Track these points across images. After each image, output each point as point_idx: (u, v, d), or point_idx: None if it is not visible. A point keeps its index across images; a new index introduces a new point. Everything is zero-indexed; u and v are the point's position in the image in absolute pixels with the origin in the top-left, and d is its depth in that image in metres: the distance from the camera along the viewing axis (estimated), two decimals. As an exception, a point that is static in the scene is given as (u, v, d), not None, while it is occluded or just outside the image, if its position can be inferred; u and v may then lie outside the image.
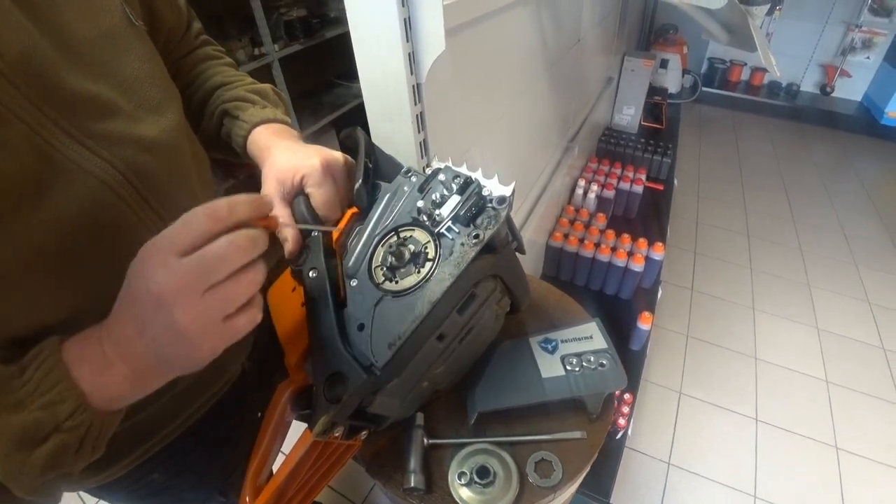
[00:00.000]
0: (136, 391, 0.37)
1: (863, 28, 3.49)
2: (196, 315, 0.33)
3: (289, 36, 2.36)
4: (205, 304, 0.33)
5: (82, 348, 0.35)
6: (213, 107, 0.62)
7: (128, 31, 0.47)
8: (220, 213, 0.34)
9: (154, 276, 0.32)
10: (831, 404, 1.78)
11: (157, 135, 0.47)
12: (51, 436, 0.33)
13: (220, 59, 0.68)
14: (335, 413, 0.43)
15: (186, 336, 0.33)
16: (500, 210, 0.47)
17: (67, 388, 0.34)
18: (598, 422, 0.60)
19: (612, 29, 2.16)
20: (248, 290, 0.35)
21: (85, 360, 0.35)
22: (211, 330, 0.34)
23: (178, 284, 0.32)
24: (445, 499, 0.53)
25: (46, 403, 0.33)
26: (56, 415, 0.33)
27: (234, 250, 0.34)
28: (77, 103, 0.40)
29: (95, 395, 0.35)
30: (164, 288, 0.32)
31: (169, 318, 0.32)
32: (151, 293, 0.32)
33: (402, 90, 0.66)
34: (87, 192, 0.40)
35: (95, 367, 0.35)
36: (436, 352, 0.50)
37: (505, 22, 0.91)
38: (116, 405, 0.37)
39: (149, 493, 0.62)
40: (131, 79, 0.46)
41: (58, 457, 0.34)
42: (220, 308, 0.34)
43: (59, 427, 0.33)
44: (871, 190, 3.06)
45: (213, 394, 0.63)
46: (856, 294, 2.26)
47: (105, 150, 0.42)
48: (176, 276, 0.32)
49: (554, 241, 1.69)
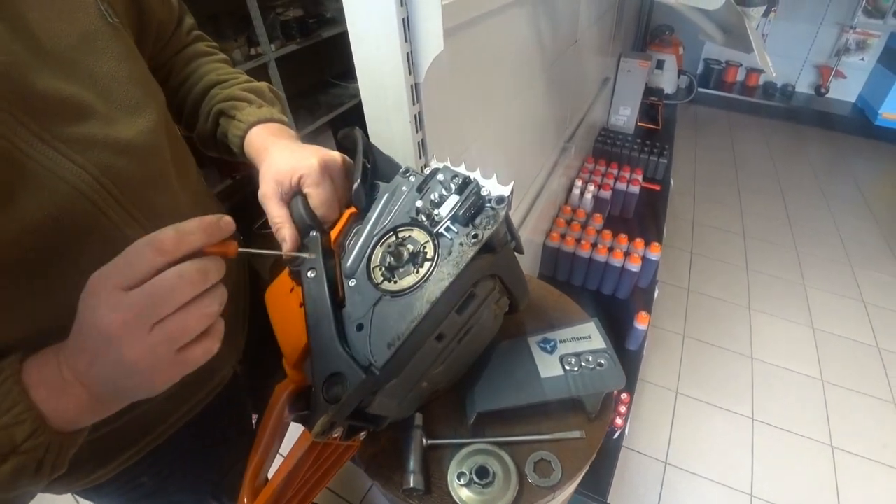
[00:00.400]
0: (95, 414, 0.36)
1: (857, 29, 3.52)
2: (144, 351, 0.32)
3: (285, 36, 2.35)
4: (153, 339, 0.32)
5: (41, 370, 0.35)
6: (208, 106, 0.61)
7: (103, 30, 0.45)
8: (166, 246, 0.32)
9: (99, 311, 0.31)
10: (827, 403, 1.79)
11: (134, 137, 0.46)
12: (8, 457, 0.33)
13: (213, 56, 0.67)
14: (334, 413, 0.43)
15: (136, 371, 0.32)
16: (499, 210, 0.46)
17: (25, 411, 0.33)
18: (597, 421, 0.60)
19: (609, 30, 2.16)
20: (198, 324, 0.34)
21: (43, 382, 0.34)
22: (162, 364, 0.33)
23: (122, 320, 0.31)
24: (444, 499, 0.53)
25: (3, 425, 0.33)
26: (13, 437, 0.33)
27: (181, 284, 0.32)
28: (49, 105, 0.39)
29: (54, 417, 0.34)
30: (111, 324, 0.31)
31: (117, 354, 0.32)
32: (98, 329, 0.31)
33: (401, 90, 0.66)
34: (59, 199, 0.39)
35: (54, 389, 0.34)
36: (435, 352, 0.50)
37: (503, 22, 0.91)
38: (76, 426, 0.37)
39: (139, 497, 0.62)
40: (107, 79, 0.44)
41: (16, 478, 0.34)
42: (169, 343, 0.32)
43: (15, 449, 0.33)
44: (865, 190, 3.08)
45: (202, 397, 0.62)
46: (851, 294, 2.27)
47: (78, 154, 0.40)
48: (120, 312, 0.31)
49: (551, 241, 1.69)
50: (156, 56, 0.61)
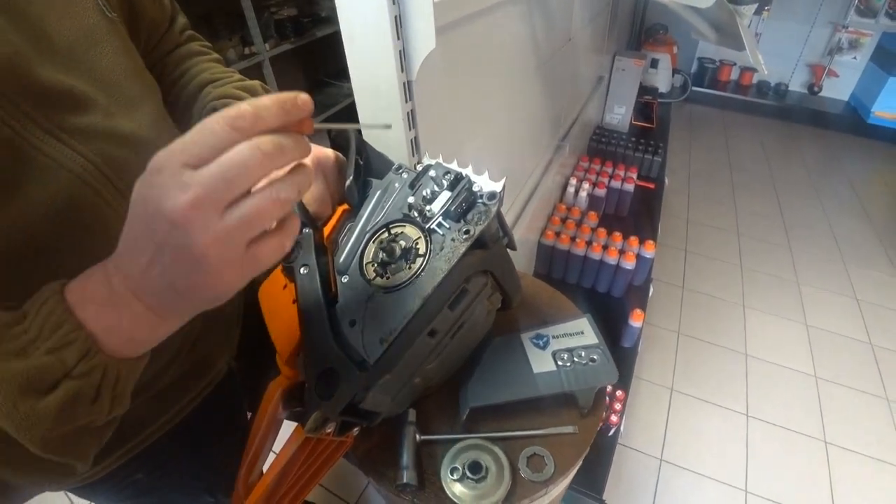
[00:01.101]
0: (153, 331, 0.33)
1: (849, 28, 3.54)
2: (215, 237, 0.28)
3: (279, 35, 2.35)
4: (224, 224, 0.28)
5: (85, 287, 0.32)
6: (201, 105, 0.61)
7: (102, 24, 0.46)
8: (242, 122, 0.28)
9: (165, 193, 0.28)
10: (820, 399, 1.80)
11: (134, 129, 0.46)
12: (61, 382, 0.30)
13: (206, 55, 0.66)
14: (327, 409, 0.43)
15: (204, 263, 0.29)
16: (491, 205, 0.47)
17: (72, 331, 0.31)
18: (590, 416, 0.61)
19: (603, 28, 2.17)
20: (275, 209, 0.30)
21: (90, 299, 0.31)
22: (232, 256, 0.30)
23: (193, 200, 0.27)
24: (438, 494, 0.53)
25: (52, 348, 0.30)
26: (63, 360, 0.30)
27: (260, 158, 0.28)
28: (51, 96, 0.39)
29: (107, 337, 0.32)
30: (178, 205, 0.27)
31: (184, 241, 0.28)
32: (163, 213, 0.28)
33: (393, 88, 0.66)
34: (61, 187, 0.39)
35: (104, 305, 0.31)
36: (427, 347, 0.50)
37: (496, 20, 0.91)
38: (133, 349, 0.34)
39: (134, 494, 0.62)
40: (106, 72, 0.45)
41: (71, 406, 0.31)
42: (242, 229, 0.29)
43: (68, 373, 0.30)
44: (858, 188, 3.10)
45: (196, 393, 0.62)
46: (844, 291, 2.29)
47: (80, 144, 0.40)
48: (190, 191, 0.27)
49: (546, 239, 1.69)
50: (147, 55, 0.60)
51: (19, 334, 0.31)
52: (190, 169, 0.28)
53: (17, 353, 0.30)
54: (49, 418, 0.30)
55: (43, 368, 0.30)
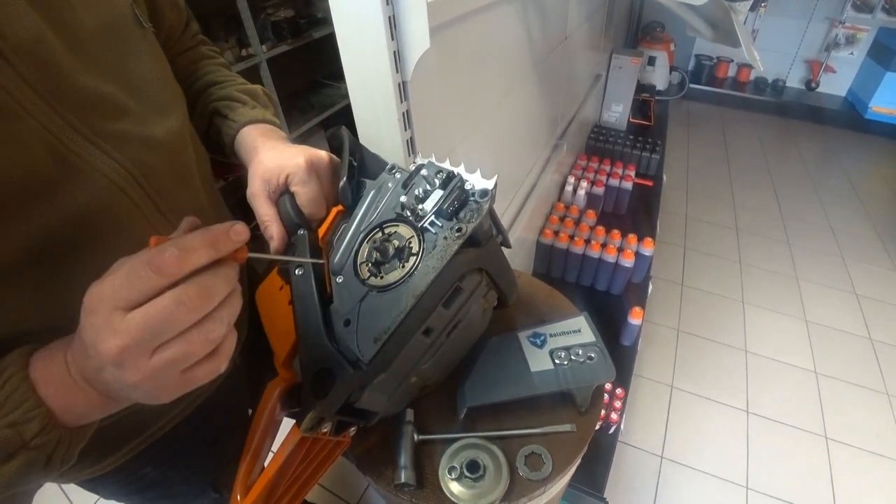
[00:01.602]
0: (104, 410, 0.36)
1: (846, 24, 3.54)
2: (146, 375, 0.31)
3: (276, 36, 2.35)
4: (154, 364, 0.30)
5: (49, 366, 0.34)
6: (203, 104, 0.63)
7: (137, 33, 0.47)
8: (167, 269, 0.29)
9: (97, 335, 0.30)
10: (820, 395, 1.80)
11: (164, 135, 0.48)
12: (18, 453, 0.33)
13: (213, 59, 0.69)
14: (322, 408, 0.43)
15: (139, 391, 0.32)
16: (483, 203, 0.47)
17: (33, 408, 0.33)
18: (588, 415, 0.61)
19: (600, 26, 2.17)
20: (202, 349, 0.32)
21: (51, 380, 0.34)
22: (165, 384, 0.32)
23: (122, 345, 0.29)
24: (436, 493, 0.53)
25: (12, 422, 0.32)
26: (22, 434, 0.32)
27: (180, 311, 0.30)
28: (88, 102, 0.40)
29: (63, 413, 0.34)
30: (110, 348, 0.29)
31: (120, 377, 0.31)
32: (98, 351, 0.30)
33: (388, 88, 0.66)
34: (98, 192, 0.41)
35: (62, 387, 0.34)
36: (423, 346, 0.50)
37: (490, 19, 0.91)
38: (85, 421, 0.36)
39: (142, 487, 0.62)
40: (140, 80, 0.46)
41: (26, 472, 0.34)
42: (171, 367, 0.31)
43: (25, 445, 0.33)
44: (856, 183, 3.10)
45: (203, 390, 0.62)
46: (843, 286, 2.29)
47: (115, 150, 0.42)
48: (119, 337, 0.29)
49: (544, 238, 1.69)
50: None
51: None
52: (120, 312, 0.29)
53: None
54: (3, 482, 0.33)
55: (2, 440, 0.32)
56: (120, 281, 0.30)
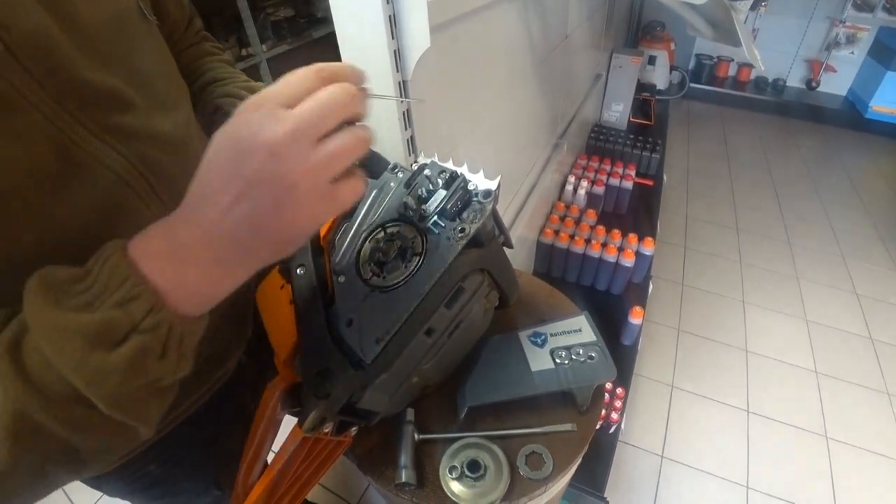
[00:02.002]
0: (216, 286, 0.34)
1: (847, 23, 3.53)
2: (307, 168, 0.31)
3: (276, 36, 2.35)
4: (317, 155, 0.31)
5: (148, 243, 0.32)
6: (206, 101, 0.63)
7: (142, 27, 0.47)
8: (325, 73, 0.33)
9: (263, 127, 0.30)
10: (821, 394, 1.81)
11: (170, 129, 0.47)
12: (129, 336, 0.30)
13: (216, 56, 0.68)
14: (324, 408, 0.43)
15: (294, 193, 0.31)
16: (486, 204, 0.47)
17: (138, 284, 0.31)
18: (588, 414, 0.60)
19: (600, 26, 2.17)
20: (358, 147, 0.33)
21: (153, 254, 0.32)
22: (318, 191, 0.32)
23: (292, 131, 0.30)
24: (437, 493, 0.53)
25: (119, 301, 0.30)
26: (130, 313, 0.30)
27: (349, 98, 0.32)
28: (93, 96, 0.40)
29: (171, 292, 0.32)
30: (277, 136, 0.29)
31: (279, 170, 0.30)
32: (260, 144, 0.29)
33: (389, 87, 0.66)
34: (104, 187, 0.40)
35: (168, 260, 0.32)
36: (424, 346, 0.50)
37: (491, 19, 0.91)
38: (195, 306, 0.34)
39: (147, 485, 0.62)
40: (145, 74, 0.46)
41: (140, 360, 0.31)
42: (332, 162, 0.32)
43: (136, 327, 0.31)
44: (857, 183, 3.10)
45: (209, 386, 0.63)
46: (843, 286, 2.29)
47: (121, 144, 0.42)
48: (289, 123, 0.30)
49: (545, 237, 1.69)
50: None
51: (84, 289, 0.31)
52: (283, 108, 0.30)
53: (83, 307, 0.30)
54: (118, 372, 0.30)
55: (111, 322, 0.30)
56: (283, 84, 0.32)
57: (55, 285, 0.31)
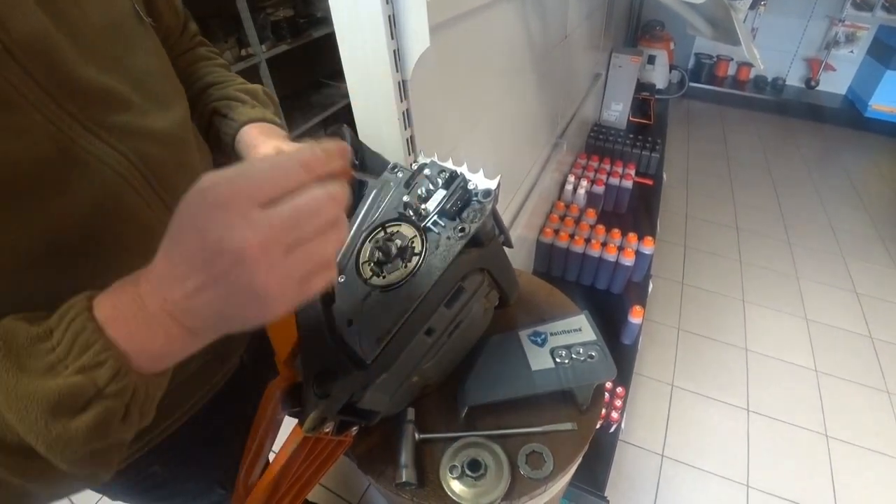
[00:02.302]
0: (184, 349, 0.33)
1: (846, 22, 3.53)
2: (278, 277, 0.29)
3: (276, 36, 2.35)
4: (288, 264, 0.29)
5: (116, 305, 0.31)
6: (203, 105, 0.63)
7: (138, 27, 0.48)
8: (315, 166, 0.30)
9: (232, 232, 0.27)
10: (821, 393, 1.81)
11: (166, 127, 0.48)
12: (92, 402, 0.30)
13: (213, 60, 0.69)
14: (325, 408, 0.43)
15: (262, 297, 0.29)
16: (486, 203, 0.47)
17: (103, 350, 0.30)
18: (589, 413, 0.61)
19: (599, 25, 2.17)
20: (334, 250, 0.31)
21: (121, 319, 0.31)
22: (288, 291, 0.30)
23: (263, 242, 0.28)
24: (437, 492, 0.53)
25: (83, 367, 0.29)
26: (94, 380, 0.29)
27: (330, 205, 0.30)
28: (91, 95, 0.40)
29: (137, 356, 0.31)
30: (246, 246, 0.27)
31: (247, 279, 0.28)
32: (228, 250, 0.27)
33: (388, 87, 0.66)
34: (104, 184, 0.41)
35: (135, 325, 0.31)
36: (425, 346, 0.50)
37: (490, 18, 0.91)
38: (162, 365, 0.33)
39: (150, 486, 0.62)
40: (142, 73, 0.46)
41: (103, 425, 0.30)
42: (302, 268, 0.30)
43: (100, 392, 0.30)
44: (856, 182, 3.10)
45: (211, 386, 0.63)
46: (843, 284, 2.29)
47: (119, 142, 0.42)
48: (261, 233, 0.28)
49: (544, 236, 1.69)
50: None
51: (47, 352, 0.30)
52: (258, 209, 0.28)
53: (45, 371, 0.30)
54: (80, 438, 0.30)
55: (74, 388, 0.29)
56: (262, 175, 0.29)
57: (17, 344, 0.30)
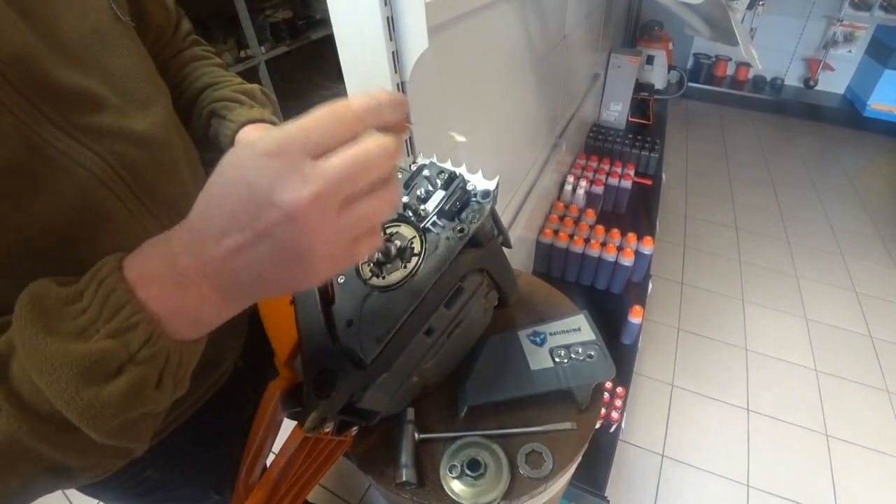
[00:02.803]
0: (218, 314, 0.31)
1: (844, 22, 3.54)
2: (328, 237, 0.27)
3: (275, 38, 2.35)
4: (339, 224, 0.27)
5: (146, 265, 0.30)
6: (200, 107, 0.62)
7: (115, 27, 0.47)
8: (367, 116, 0.27)
9: (283, 183, 0.26)
10: (821, 393, 1.81)
11: (146, 129, 0.47)
12: (124, 368, 0.29)
13: (208, 60, 0.68)
14: (325, 408, 0.43)
15: (308, 258, 0.27)
16: (485, 204, 0.47)
17: (135, 313, 0.28)
18: (588, 412, 0.61)
19: (598, 26, 2.17)
20: (385, 211, 0.29)
21: (152, 278, 0.29)
22: (335, 253, 0.28)
23: (316, 195, 0.26)
24: (437, 492, 0.53)
25: (115, 331, 0.28)
26: (127, 344, 0.28)
27: (384, 158, 0.27)
28: (67, 97, 0.40)
29: (170, 320, 0.30)
30: (298, 199, 0.25)
31: (295, 236, 0.26)
32: (278, 203, 0.26)
33: (387, 89, 0.66)
34: (79, 186, 0.40)
35: (168, 286, 0.29)
36: (424, 346, 0.50)
37: (489, 20, 0.91)
38: (195, 332, 0.32)
39: (144, 491, 0.62)
40: (119, 74, 0.46)
41: (135, 393, 0.29)
42: (353, 229, 0.28)
43: (132, 358, 0.29)
44: (855, 181, 3.10)
45: (205, 391, 0.62)
46: (843, 284, 2.29)
47: (95, 143, 0.41)
48: (314, 185, 0.26)
49: (544, 237, 1.70)
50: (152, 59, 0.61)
51: (77, 314, 0.29)
52: (311, 158, 0.26)
53: (76, 335, 0.28)
54: (112, 406, 0.29)
55: (106, 353, 0.28)
56: (314, 123, 0.27)
57: (46, 307, 0.29)
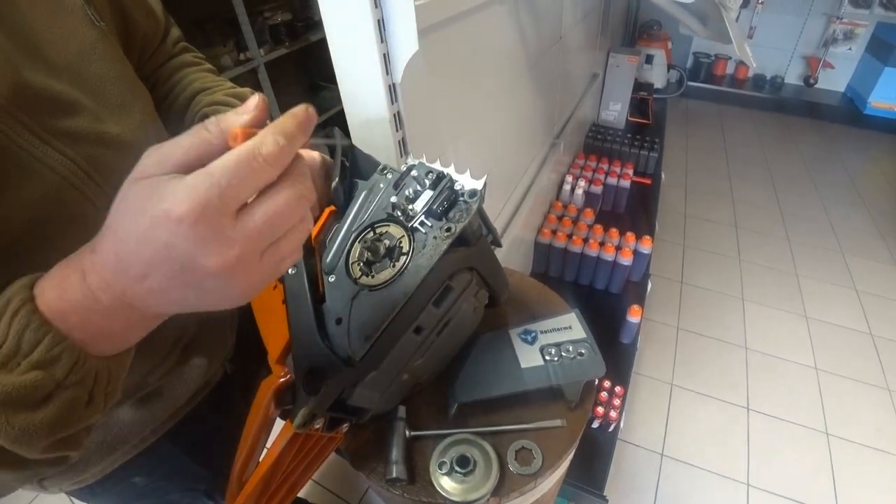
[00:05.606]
0: (146, 328, 0.32)
1: (844, 20, 3.54)
2: (252, 279, 0.29)
3: (274, 40, 2.36)
4: (262, 265, 0.28)
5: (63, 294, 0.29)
6: (192, 112, 0.62)
7: (91, 33, 0.47)
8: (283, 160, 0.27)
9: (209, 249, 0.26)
10: (821, 391, 1.80)
11: (122, 132, 0.47)
12: (54, 394, 0.29)
13: (199, 66, 0.68)
14: (314, 405, 0.44)
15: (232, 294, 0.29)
16: (472, 203, 0.48)
17: (57, 344, 0.28)
18: (578, 410, 0.61)
19: (596, 26, 2.18)
20: (301, 240, 0.31)
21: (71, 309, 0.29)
22: (259, 284, 0.30)
23: (239, 255, 0.27)
24: (427, 488, 0.54)
25: (37, 363, 0.28)
26: (53, 373, 0.28)
27: (300, 206, 0.28)
28: (40, 101, 0.40)
29: (96, 342, 0.30)
30: (225, 262, 0.26)
31: (221, 286, 0.28)
32: (204, 266, 0.26)
33: (379, 90, 0.67)
34: (49, 188, 0.41)
35: (88, 314, 0.29)
36: (414, 344, 0.51)
37: (481, 21, 0.92)
38: (123, 346, 0.32)
39: (133, 496, 0.63)
40: (95, 78, 0.46)
41: (67, 414, 0.30)
42: (274, 266, 0.29)
43: (60, 384, 0.29)
44: (855, 179, 3.10)
45: (193, 396, 0.63)
46: (843, 282, 2.29)
47: (67, 147, 0.42)
48: (237, 247, 0.26)
49: (542, 237, 1.70)
50: (141, 67, 0.62)
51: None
52: (229, 217, 0.26)
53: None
54: (45, 430, 0.29)
55: (31, 383, 0.28)
56: (227, 180, 0.26)
57: None
